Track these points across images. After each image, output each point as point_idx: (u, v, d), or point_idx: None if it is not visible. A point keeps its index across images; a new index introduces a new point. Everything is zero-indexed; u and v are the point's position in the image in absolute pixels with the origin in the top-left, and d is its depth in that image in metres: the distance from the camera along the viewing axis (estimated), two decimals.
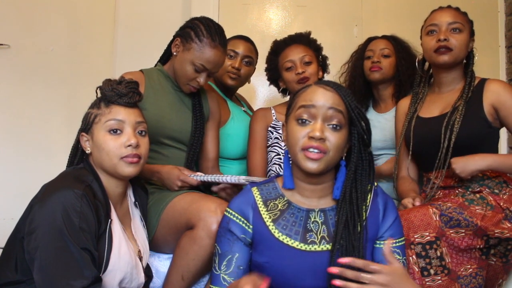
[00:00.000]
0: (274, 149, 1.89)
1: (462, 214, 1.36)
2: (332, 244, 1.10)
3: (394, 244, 1.15)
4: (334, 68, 2.13)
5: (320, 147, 1.08)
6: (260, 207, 1.17)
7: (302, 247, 1.12)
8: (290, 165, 1.19)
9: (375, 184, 1.19)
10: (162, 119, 1.60)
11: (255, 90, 2.72)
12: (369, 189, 1.16)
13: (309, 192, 1.17)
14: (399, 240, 1.16)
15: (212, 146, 1.78)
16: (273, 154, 1.89)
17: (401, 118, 1.74)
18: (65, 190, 1.09)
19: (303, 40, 1.93)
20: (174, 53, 1.63)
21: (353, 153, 1.14)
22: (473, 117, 1.53)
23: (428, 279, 1.30)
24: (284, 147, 1.87)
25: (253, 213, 1.16)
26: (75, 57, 2.48)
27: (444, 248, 1.33)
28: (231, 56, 2.03)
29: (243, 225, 1.16)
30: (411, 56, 2.05)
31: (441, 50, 1.57)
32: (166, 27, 1.93)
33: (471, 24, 1.64)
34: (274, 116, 1.94)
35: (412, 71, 1.96)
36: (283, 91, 2.05)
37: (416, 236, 1.33)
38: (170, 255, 1.47)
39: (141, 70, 1.68)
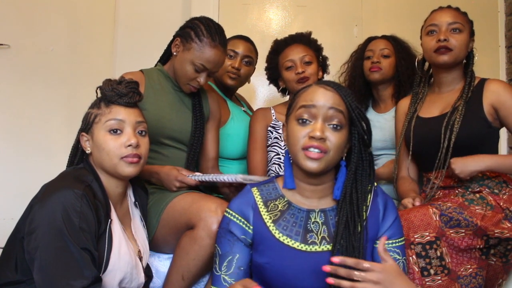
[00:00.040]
0: (273, 149, 1.89)
1: (462, 214, 1.36)
2: (332, 244, 1.10)
3: (394, 244, 1.15)
4: (334, 68, 2.13)
5: (321, 147, 1.08)
6: (260, 207, 1.17)
7: (302, 247, 1.12)
8: (291, 165, 1.19)
9: (375, 184, 1.19)
10: (162, 119, 1.60)
11: (255, 90, 2.72)
12: (369, 189, 1.16)
13: (309, 192, 1.17)
14: (399, 240, 1.16)
15: (212, 146, 1.78)
16: (273, 154, 1.89)
17: (401, 118, 1.74)
18: (65, 190, 1.09)
19: (303, 40, 1.93)
20: (174, 53, 1.63)
21: (353, 153, 1.14)
22: (473, 117, 1.53)
23: (428, 279, 1.30)
24: (283, 147, 1.87)
25: (253, 213, 1.16)
26: (75, 57, 2.48)
27: (444, 248, 1.33)
28: (231, 56, 2.03)
29: (243, 226, 1.16)
30: (411, 56, 2.05)
31: (441, 50, 1.57)
32: (166, 27, 1.93)
33: (471, 24, 1.64)
34: (273, 116, 1.94)
35: (411, 72, 1.96)
36: (282, 91, 2.05)
37: (416, 236, 1.32)
38: (170, 255, 1.47)
39: (141, 70, 1.68)
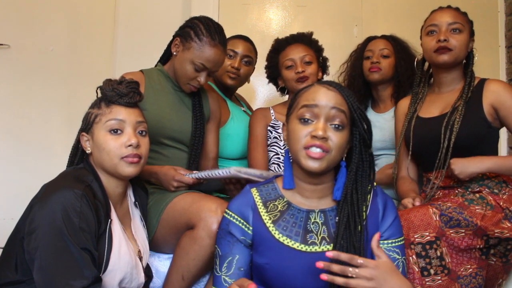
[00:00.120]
0: (273, 148, 1.89)
1: (462, 214, 1.36)
2: (333, 245, 1.10)
3: (393, 244, 1.15)
4: (333, 68, 2.13)
5: (323, 146, 1.07)
6: (260, 208, 1.17)
7: (302, 248, 1.12)
8: (290, 165, 1.19)
9: (374, 184, 1.19)
10: (162, 119, 1.60)
11: (255, 90, 2.72)
12: (369, 190, 1.16)
13: (309, 192, 1.16)
14: (399, 239, 1.16)
15: (212, 146, 1.78)
16: (272, 154, 1.89)
17: (400, 118, 1.74)
18: (65, 190, 1.09)
19: (304, 40, 1.93)
20: (174, 53, 1.63)
21: (354, 153, 1.14)
22: (473, 117, 1.53)
23: (428, 279, 1.30)
24: (283, 146, 1.87)
25: (252, 214, 1.16)
26: (75, 57, 2.48)
27: (444, 248, 1.33)
28: (231, 56, 2.03)
29: (242, 226, 1.15)
30: (410, 56, 2.04)
31: (441, 50, 1.57)
32: (166, 27, 1.93)
33: (471, 24, 1.64)
34: (273, 116, 1.94)
35: (411, 72, 1.96)
36: (281, 90, 2.05)
37: (416, 236, 1.32)
38: (170, 255, 1.47)
39: (141, 71, 1.68)
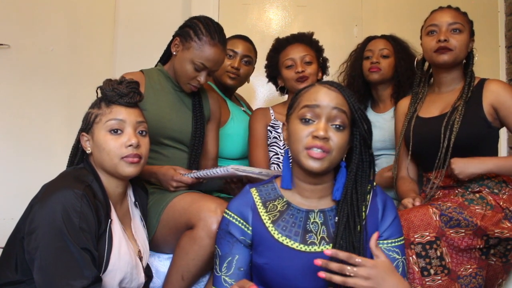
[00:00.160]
0: (272, 148, 1.89)
1: (462, 214, 1.36)
2: (332, 244, 1.10)
3: (393, 244, 1.15)
4: (333, 68, 2.13)
5: (324, 147, 1.07)
6: (259, 208, 1.17)
7: (302, 248, 1.12)
8: (289, 165, 1.19)
9: (374, 184, 1.19)
10: (163, 120, 1.60)
11: (255, 90, 2.72)
12: (368, 190, 1.16)
13: (309, 192, 1.16)
14: (399, 239, 1.16)
15: (212, 146, 1.79)
16: (272, 154, 1.89)
17: (400, 118, 1.74)
18: (65, 190, 1.09)
19: (305, 40, 1.93)
20: (174, 53, 1.63)
21: (354, 154, 1.14)
22: (473, 117, 1.53)
23: (428, 279, 1.30)
24: (282, 146, 1.87)
25: (252, 214, 1.16)
26: (75, 57, 2.48)
27: (444, 248, 1.33)
28: (230, 56, 2.03)
29: (242, 227, 1.15)
30: (410, 56, 2.04)
31: (441, 50, 1.57)
32: (166, 27, 1.93)
33: (471, 24, 1.64)
34: (272, 115, 1.94)
35: (411, 72, 1.96)
36: (281, 89, 2.04)
37: (416, 236, 1.32)
38: (170, 255, 1.47)
39: (141, 71, 1.68)
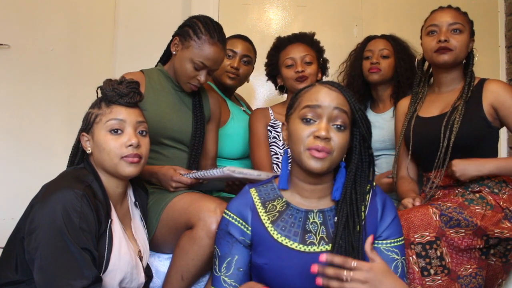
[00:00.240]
0: (272, 148, 1.89)
1: (462, 214, 1.36)
2: (332, 245, 1.10)
3: (392, 244, 1.14)
4: (333, 68, 2.13)
5: (325, 148, 1.07)
6: (259, 208, 1.17)
7: (301, 248, 1.12)
8: (288, 165, 1.19)
9: (374, 184, 1.19)
10: (163, 120, 1.60)
11: (255, 90, 2.72)
12: (368, 190, 1.16)
13: (308, 192, 1.16)
14: (398, 239, 1.16)
15: (212, 146, 1.79)
16: (271, 154, 1.89)
17: (400, 118, 1.74)
18: (66, 190, 1.09)
19: (306, 40, 1.93)
20: (174, 52, 1.63)
21: (354, 154, 1.14)
22: (473, 117, 1.53)
23: (428, 279, 1.30)
24: (282, 146, 1.87)
25: (251, 214, 1.16)
26: (75, 57, 2.48)
27: (444, 248, 1.33)
28: (230, 56, 2.03)
29: (241, 227, 1.15)
30: (410, 56, 2.04)
31: (442, 50, 1.57)
32: (166, 27, 1.93)
33: (471, 24, 1.64)
34: (272, 115, 1.94)
35: (410, 72, 1.96)
36: (280, 88, 2.04)
37: (416, 236, 1.32)
38: (170, 255, 1.47)
39: (142, 71, 1.68)
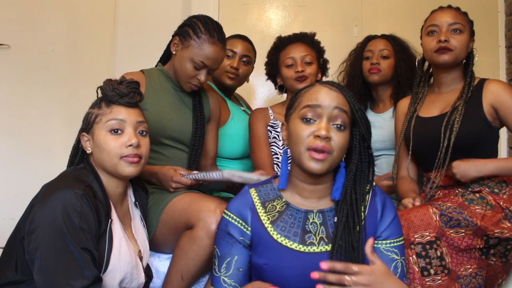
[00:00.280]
0: (272, 149, 1.88)
1: (462, 214, 1.36)
2: (331, 245, 1.10)
3: (392, 244, 1.15)
4: (333, 68, 2.13)
5: (326, 148, 1.07)
6: (258, 208, 1.17)
7: (300, 248, 1.12)
8: (287, 165, 1.19)
9: (373, 184, 1.19)
10: (163, 120, 1.60)
11: (255, 90, 2.72)
12: (367, 190, 1.16)
13: (308, 192, 1.16)
14: (398, 239, 1.16)
15: (212, 146, 1.79)
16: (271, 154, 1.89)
17: (400, 118, 1.74)
18: (66, 190, 1.09)
19: (307, 40, 1.93)
20: (174, 52, 1.63)
21: (354, 154, 1.14)
22: (473, 117, 1.53)
23: (428, 279, 1.30)
24: (281, 146, 1.87)
25: (251, 215, 1.16)
26: (75, 57, 2.48)
27: (444, 248, 1.33)
28: (229, 56, 2.02)
29: (241, 227, 1.15)
30: (410, 57, 2.04)
31: (442, 50, 1.57)
32: (166, 27, 1.93)
33: (471, 24, 1.64)
34: (271, 115, 1.94)
35: (410, 73, 1.95)
36: (279, 88, 2.04)
37: (416, 236, 1.32)
38: (170, 255, 1.47)
39: (142, 71, 1.68)
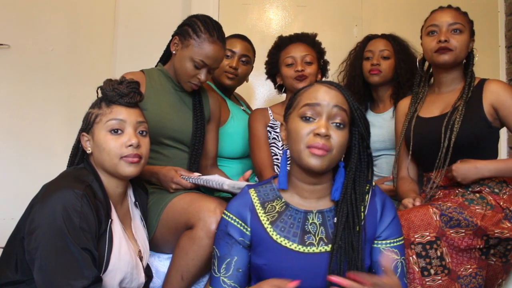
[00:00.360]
0: (271, 149, 1.88)
1: (462, 214, 1.36)
2: (331, 245, 1.10)
3: (392, 244, 1.15)
4: (333, 68, 2.13)
5: (325, 146, 1.07)
6: (258, 209, 1.17)
7: (300, 249, 1.12)
8: (286, 165, 1.18)
9: (373, 184, 1.19)
10: (163, 120, 1.60)
11: (254, 90, 2.72)
12: (367, 190, 1.16)
13: (308, 193, 1.16)
14: (398, 239, 1.16)
15: (212, 146, 1.79)
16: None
17: (401, 118, 1.74)
18: (66, 190, 1.09)
19: (308, 40, 1.93)
20: (174, 52, 1.63)
21: (353, 153, 1.14)
22: (473, 117, 1.53)
23: (428, 279, 1.30)
24: (281, 147, 1.87)
25: (251, 215, 1.16)
26: (75, 57, 2.48)
27: (444, 248, 1.33)
28: (228, 56, 2.02)
29: (241, 228, 1.15)
30: (410, 57, 2.03)
31: (442, 50, 1.57)
32: (166, 27, 1.93)
33: (471, 24, 1.64)
34: (271, 116, 1.94)
35: (411, 74, 1.95)
36: (279, 88, 2.04)
37: (416, 236, 1.32)
38: (170, 255, 1.47)
39: (142, 70, 1.68)
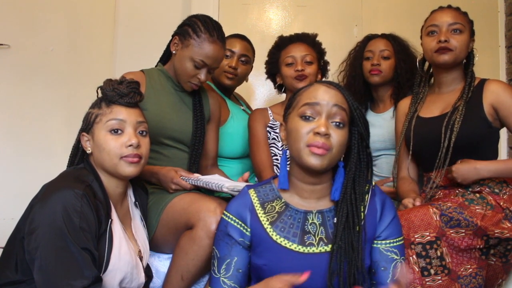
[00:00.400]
0: (271, 150, 1.88)
1: (462, 214, 1.36)
2: (331, 245, 1.10)
3: (391, 244, 1.14)
4: (333, 68, 2.13)
5: (325, 145, 1.07)
6: (258, 209, 1.17)
7: (300, 249, 1.12)
8: (286, 166, 1.19)
9: (373, 184, 1.19)
10: (163, 120, 1.60)
11: (254, 90, 2.73)
12: (366, 190, 1.16)
13: (307, 193, 1.16)
14: (397, 239, 1.16)
15: (212, 146, 1.79)
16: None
17: (401, 118, 1.74)
18: (66, 190, 1.09)
19: (308, 40, 1.94)
20: (174, 52, 1.63)
21: (352, 153, 1.14)
22: (473, 117, 1.53)
23: (428, 279, 1.30)
24: (281, 147, 1.87)
25: (250, 215, 1.16)
26: (75, 57, 2.48)
27: (444, 248, 1.33)
28: (228, 56, 2.02)
29: (241, 228, 1.15)
30: (410, 57, 2.03)
31: (442, 50, 1.57)
32: (166, 27, 1.93)
33: (471, 24, 1.64)
34: (271, 116, 1.94)
35: (411, 74, 1.95)
36: (279, 87, 2.04)
37: (416, 236, 1.33)
38: (170, 255, 1.47)
39: (142, 70, 1.68)
